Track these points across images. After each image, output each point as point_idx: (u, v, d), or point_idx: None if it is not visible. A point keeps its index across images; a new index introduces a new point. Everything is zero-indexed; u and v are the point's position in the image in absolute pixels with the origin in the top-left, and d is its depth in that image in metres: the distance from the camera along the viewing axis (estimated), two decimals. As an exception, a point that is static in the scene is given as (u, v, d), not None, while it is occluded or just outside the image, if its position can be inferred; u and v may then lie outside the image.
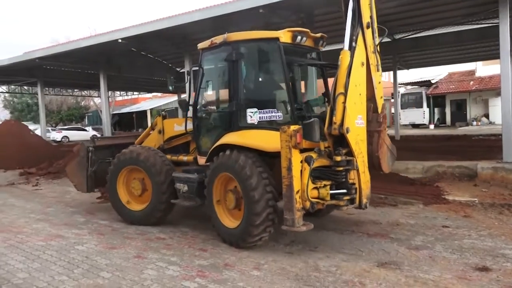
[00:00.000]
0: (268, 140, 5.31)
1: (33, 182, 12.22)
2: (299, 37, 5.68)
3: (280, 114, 5.63)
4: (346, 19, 5.17)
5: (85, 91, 32.63)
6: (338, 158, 4.93)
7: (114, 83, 25.45)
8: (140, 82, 27.42)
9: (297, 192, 4.74)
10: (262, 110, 5.63)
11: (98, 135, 7.84)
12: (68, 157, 11.12)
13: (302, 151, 4.86)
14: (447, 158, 10.99)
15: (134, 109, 45.88)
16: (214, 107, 6.53)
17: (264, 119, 5.62)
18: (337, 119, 4.88)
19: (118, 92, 34.98)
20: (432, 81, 34.67)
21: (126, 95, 36.54)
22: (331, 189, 5.02)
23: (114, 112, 42.45)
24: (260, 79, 6.33)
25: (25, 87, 31.40)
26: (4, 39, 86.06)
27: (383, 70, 5.93)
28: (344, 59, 5.02)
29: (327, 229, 6.28)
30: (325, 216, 6.86)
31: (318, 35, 6.03)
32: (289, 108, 5.61)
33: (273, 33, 5.69)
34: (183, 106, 6.63)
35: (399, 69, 22.01)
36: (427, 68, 27.96)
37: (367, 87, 5.26)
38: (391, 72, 22.55)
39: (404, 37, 17.30)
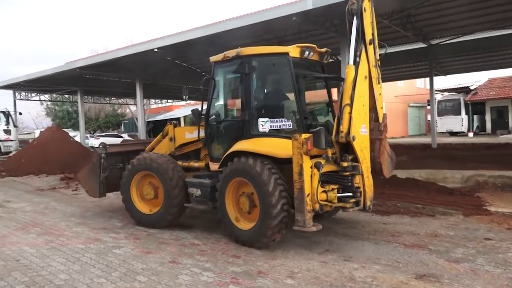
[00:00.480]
0: (280, 147, 5.71)
1: (72, 187, 12.68)
2: (306, 52, 6.09)
3: (289, 123, 6.02)
4: (350, 36, 5.62)
5: (122, 99, 33.68)
6: (345, 164, 5.35)
7: (149, 91, 26.15)
8: (173, 90, 28.03)
9: (308, 195, 5.16)
10: (272, 119, 6.02)
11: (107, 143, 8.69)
12: (80, 164, 11.53)
13: (311, 157, 5.25)
14: (488, 167, 10.57)
15: (168, 116, 46.87)
16: (226, 116, 6.93)
17: (274, 128, 6.01)
18: (344, 128, 5.30)
19: (153, 100, 35.88)
20: (471, 87, 33.49)
21: (161, 102, 37.42)
22: (338, 193, 5.42)
23: (149, 120, 43.51)
24: (270, 91, 6.81)
25: (66, 96, 32.78)
26: (49, 50, 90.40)
27: (419, 77, 5.95)
28: (350, 73, 5.47)
29: (362, 238, 6.16)
30: (358, 226, 6.85)
31: (324, 50, 6.46)
32: (298, 117, 6.03)
33: (283, 48, 6.16)
34: (196, 115, 6.98)
35: (436, 75, 21.42)
36: (466, 74, 27.07)
37: (370, 98, 5.71)
38: (427, 79, 21.98)
39: (441, 42, 16.85)
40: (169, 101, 37.15)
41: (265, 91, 6.78)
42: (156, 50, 13.89)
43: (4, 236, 6.81)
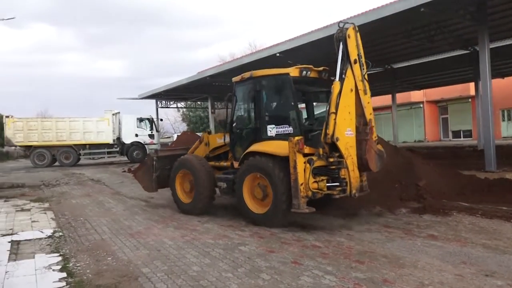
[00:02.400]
0: (282, 148, 7.02)
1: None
2: (304, 72, 7.59)
3: (291, 128, 7.52)
4: (338, 57, 6.98)
5: (247, 104, 35.45)
6: (331, 159, 6.84)
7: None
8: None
9: (301, 184, 6.66)
10: (278, 126, 7.62)
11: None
12: (136, 165, 13.25)
13: (306, 155, 6.79)
14: None
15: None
16: (244, 125, 8.45)
17: (279, 133, 7.57)
18: (329, 131, 6.74)
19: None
20: None
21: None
22: (327, 183, 6.91)
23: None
24: (276, 103, 8.22)
25: (199, 102, 35.79)
26: (183, 61, 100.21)
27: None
28: (335, 87, 6.86)
29: (509, 252, 5.38)
30: (503, 237, 6.14)
31: (321, 68, 7.80)
32: (297, 124, 7.49)
33: (285, 70, 7.61)
34: (222, 124, 8.86)
35: None
36: None
37: (358, 107, 7.13)
38: None
39: None
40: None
41: (272, 104, 8.23)
42: (278, 54, 14.29)
43: (148, 228, 7.73)
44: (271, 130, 7.65)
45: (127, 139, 29.19)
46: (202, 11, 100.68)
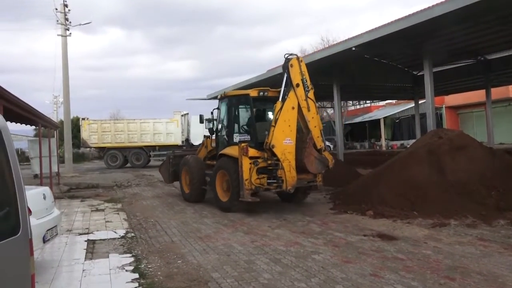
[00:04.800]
0: (237, 151, 9.52)
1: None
2: (261, 93, 10.29)
3: (249, 137, 10.13)
4: (283, 82, 9.64)
5: (318, 103, 34.99)
6: (269, 162, 9.36)
7: (347, 93, 26.39)
8: (372, 90, 27.57)
9: (246, 179, 9.23)
10: (240, 135, 10.32)
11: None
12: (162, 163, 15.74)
13: (253, 158, 9.38)
14: None
15: (366, 118, 46.42)
16: (223, 133, 11.03)
17: (241, 140, 9.95)
18: (268, 140, 9.27)
19: (351, 102, 36.09)
20: None
21: (359, 104, 37.33)
22: (268, 180, 9.44)
23: (347, 123, 44.00)
24: (239, 117, 10.78)
25: (267, 102, 35.78)
26: (252, 59, 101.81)
27: None
28: (277, 106, 9.40)
29: None
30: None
31: (278, 90, 9.80)
32: (253, 133, 10.08)
33: (246, 91, 10.49)
34: (210, 132, 11.47)
35: None
36: None
37: (302, 121, 9.70)
38: None
39: None
40: (367, 102, 36.74)
41: (237, 117, 10.75)
42: (353, 48, 13.90)
43: (217, 232, 7.94)
44: (236, 137, 10.28)
45: (196, 140, 30.27)
46: (270, 6, 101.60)
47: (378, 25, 17.24)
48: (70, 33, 25.52)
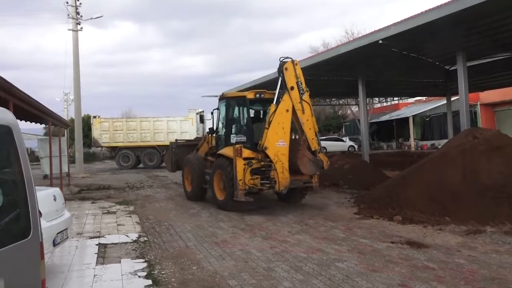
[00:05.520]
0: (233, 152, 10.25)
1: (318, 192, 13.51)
2: (257, 95, 11.01)
3: (245, 138, 10.89)
4: (277, 85, 10.38)
5: (342, 100, 34.68)
6: (262, 163, 10.10)
7: (373, 89, 26.08)
8: (400, 86, 27.19)
9: (240, 180, 9.95)
10: (237, 135, 11.08)
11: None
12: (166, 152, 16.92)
13: (248, 159, 10.12)
14: None
15: (394, 116, 45.79)
16: (221, 133, 11.82)
17: (237, 141, 10.76)
18: (261, 142, 10.02)
19: (377, 99, 35.64)
20: None
21: (386, 101, 36.86)
22: (261, 180, 10.13)
23: (372, 121, 43.47)
24: (236, 118, 11.73)
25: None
26: (269, 54, 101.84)
27: None
28: (271, 109, 10.18)
29: None
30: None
31: (275, 92, 10.44)
32: (249, 135, 10.89)
33: (243, 93, 11.64)
34: (210, 132, 12.42)
35: None
36: None
37: (297, 123, 10.57)
38: None
39: None
40: (395, 99, 36.24)
41: (234, 118, 11.72)
42: (380, 42, 13.73)
43: (234, 237, 7.97)
44: (233, 138, 11.07)
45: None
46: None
47: (406, 16, 16.97)
48: (81, 28, 25.93)
